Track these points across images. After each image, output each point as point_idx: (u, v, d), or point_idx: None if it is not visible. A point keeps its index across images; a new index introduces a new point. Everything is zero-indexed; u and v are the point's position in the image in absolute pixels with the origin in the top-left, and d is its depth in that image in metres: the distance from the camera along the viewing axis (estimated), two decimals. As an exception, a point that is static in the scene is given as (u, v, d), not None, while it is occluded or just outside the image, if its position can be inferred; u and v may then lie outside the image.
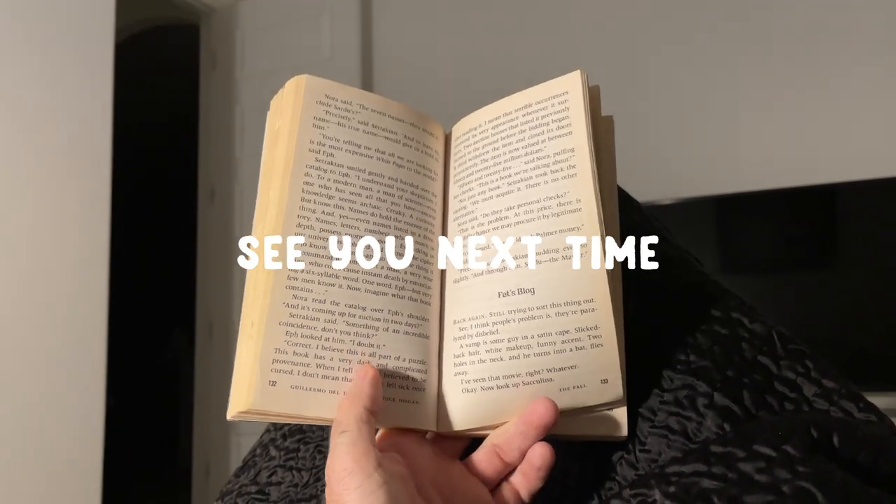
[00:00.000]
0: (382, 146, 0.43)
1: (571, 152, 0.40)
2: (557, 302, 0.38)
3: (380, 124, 0.44)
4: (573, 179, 0.39)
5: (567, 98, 0.41)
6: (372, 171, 0.42)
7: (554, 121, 0.41)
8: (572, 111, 0.41)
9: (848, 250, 1.90)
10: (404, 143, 0.44)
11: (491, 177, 0.42)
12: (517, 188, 0.41)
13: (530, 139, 0.42)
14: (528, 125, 0.42)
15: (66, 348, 1.90)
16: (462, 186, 0.44)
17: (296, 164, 0.40)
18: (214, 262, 2.85)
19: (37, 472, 1.80)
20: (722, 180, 2.07)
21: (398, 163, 0.43)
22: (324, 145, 0.41)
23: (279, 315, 0.37)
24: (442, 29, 2.63)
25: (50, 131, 1.90)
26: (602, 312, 0.37)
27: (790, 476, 0.31)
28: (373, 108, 0.44)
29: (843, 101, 2.00)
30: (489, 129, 0.44)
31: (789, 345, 0.43)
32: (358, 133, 0.43)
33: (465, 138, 0.45)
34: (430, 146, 0.45)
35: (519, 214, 0.40)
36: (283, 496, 0.51)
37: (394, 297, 0.40)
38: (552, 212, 0.39)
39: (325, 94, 0.43)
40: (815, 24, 2.05)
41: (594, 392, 0.39)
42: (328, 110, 0.42)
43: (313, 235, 0.39)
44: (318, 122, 0.42)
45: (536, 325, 0.38)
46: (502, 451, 0.38)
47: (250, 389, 0.36)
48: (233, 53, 2.90)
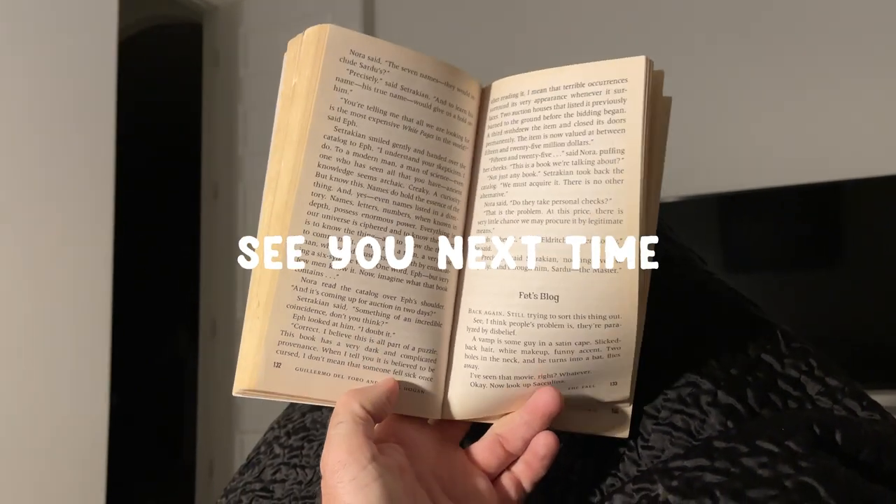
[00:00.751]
0: (411, 112, 0.39)
1: (621, 154, 0.35)
2: (582, 314, 0.36)
3: (410, 86, 0.39)
4: (618, 186, 0.35)
5: (625, 87, 0.36)
6: (396, 142, 0.38)
7: (607, 111, 0.36)
8: (629, 104, 0.36)
9: (852, 248, 1.89)
10: (435, 107, 0.39)
11: (527, 160, 0.38)
12: (554, 181, 0.37)
13: (577, 127, 0.37)
14: (576, 109, 0.37)
15: (70, 347, 1.90)
16: (494, 161, 0.40)
17: (312, 134, 0.37)
18: (218, 261, 2.86)
19: (42, 471, 1.80)
20: (726, 178, 2.07)
21: (426, 132, 0.39)
22: (345, 112, 0.37)
23: (287, 297, 0.36)
24: (445, 28, 2.63)
25: (53, 130, 1.90)
26: (626, 328, 0.36)
27: (793, 471, 0.31)
28: (403, 67, 0.38)
29: (848, 98, 2.00)
30: (532, 101, 0.38)
31: (793, 343, 0.43)
32: (384, 98, 0.38)
33: (503, 104, 0.40)
34: (463, 108, 0.41)
35: (552, 212, 0.36)
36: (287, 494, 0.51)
37: (408, 283, 0.38)
38: (589, 217, 0.35)
39: (351, 50, 0.38)
40: (819, 21, 2.04)
41: (602, 392, 0.39)
42: (352, 69, 0.38)
43: (327, 215, 0.37)
44: (339, 85, 0.37)
45: (556, 333, 0.36)
46: (505, 441, 0.38)
47: (255, 369, 0.35)
48: (236, 52, 2.90)
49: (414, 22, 2.70)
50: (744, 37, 2.14)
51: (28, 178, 1.83)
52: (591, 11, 2.37)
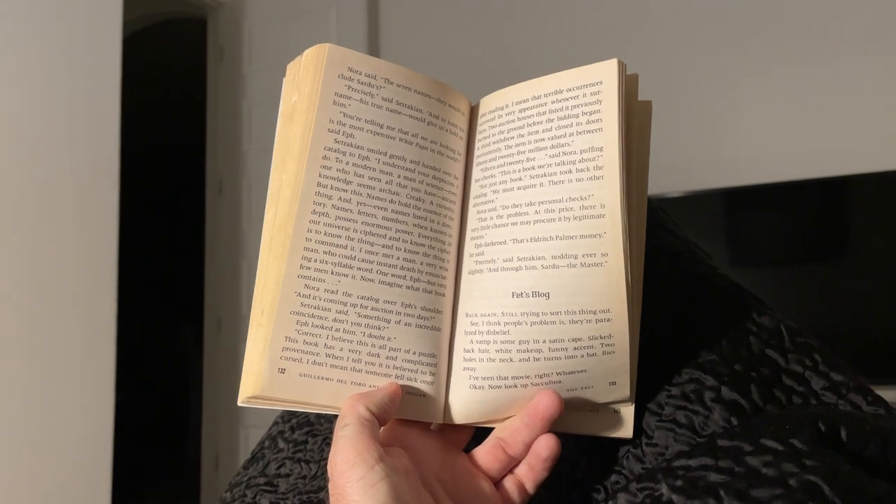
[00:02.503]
0: (406, 126, 0.40)
1: (600, 151, 0.37)
2: (572, 309, 0.36)
3: (405, 101, 0.40)
4: (599, 182, 0.37)
5: (600, 89, 0.38)
6: (393, 153, 0.40)
7: (584, 113, 0.38)
8: (604, 105, 0.37)
9: (857, 243, 1.89)
10: (429, 121, 0.41)
11: (514, 166, 0.40)
12: (539, 183, 0.38)
13: (557, 130, 0.38)
14: (556, 114, 0.39)
15: (76, 343, 1.91)
16: (484, 171, 0.42)
17: (313, 146, 0.38)
18: (222, 257, 2.86)
19: (47, 466, 1.81)
20: (731, 173, 2.06)
21: (421, 144, 0.41)
22: (344, 125, 0.39)
23: (291, 304, 0.37)
24: (449, 22, 2.63)
25: (58, 126, 1.91)
26: (618, 323, 0.36)
27: (797, 469, 0.31)
28: (398, 83, 0.40)
29: (853, 93, 1.99)
30: (516, 111, 0.41)
31: (797, 338, 0.43)
32: (381, 112, 0.40)
33: (490, 117, 0.42)
34: (455, 123, 0.43)
35: (539, 212, 0.38)
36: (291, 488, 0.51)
37: (408, 289, 0.39)
38: (574, 214, 0.37)
39: (349, 67, 0.39)
40: (824, 16, 2.03)
41: (601, 392, 0.39)
42: (350, 85, 0.39)
43: (329, 223, 0.38)
44: (338, 99, 0.39)
45: (549, 330, 0.37)
46: (507, 445, 0.38)
47: (259, 376, 0.36)
48: (240, 47, 2.90)
49: (418, 18, 2.69)
50: (751, 31, 2.13)
51: (32, 174, 1.83)
52: (594, 19, 2.36)
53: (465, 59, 2.55)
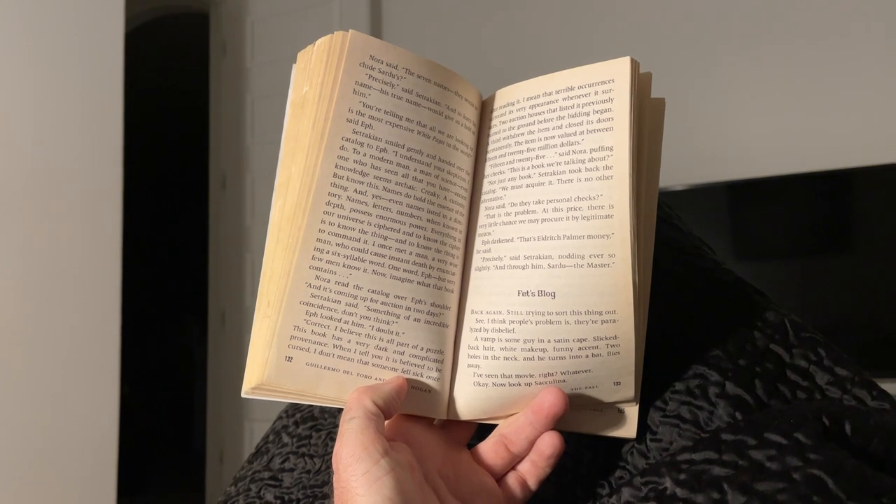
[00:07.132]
0: (425, 119, 0.39)
1: (609, 151, 0.36)
2: (578, 310, 0.36)
3: (425, 93, 0.39)
4: (608, 182, 0.36)
5: (612, 87, 0.37)
6: (411, 146, 0.39)
7: (595, 111, 0.37)
8: (616, 104, 0.37)
9: (862, 236, 1.88)
10: (446, 115, 0.40)
11: (523, 163, 0.39)
12: (548, 181, 0.38)
13: (568, 128, 0.38)
14: (567, 112, 0.38)
15: (80, 337, 1.92)
16: (494, 167, 0.41)
17: (330, 135, 0.37)
18: (226, 250, 2.86)
19: (53, 459, 1.82)
20: (734, 166, 2.05)
21: (438, 138, 0.40)
22: (363, 115, 0.38)
23: (300, 294, 0.36)
24: (453, 16, 2.62)
25: (61, 121, 1.91)
26: (623, 324, 0.36)
27: (801, 463, 0.31)
28: (419, 74, 0.39)
29: (857, 85, 1.98)
30: (527, 107, 0.40)
31: (802, 333, 0.43)
32: (401, 103, 0.39)
33: (501, 113, 0.42)
34: (468, 117, 0.42)
35: (547, 211, 0.37)
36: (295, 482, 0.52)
37: (419, 284, 0.39)
38: (582, 214, 0.36)
39: (371, 56, 0.38)
40: (828, 8, 2.02)
41: (605, 392, 0.39)
42: (372, 74, 0.38)
43: (343, 215, 0.37)
44: (359, 89, 0.38)
45: (554, 329, 0.37)
46: (510, 442, 0.38)
47: (265, 364, 0.36)
48: (243, 42, 2.90)
49: (421, 11, 2.68)
50: (754, 25, 2.12)
51: (36, 169, 1.84)
52: (596, 11, 2.36)
53: (468, 52, 2.54)
